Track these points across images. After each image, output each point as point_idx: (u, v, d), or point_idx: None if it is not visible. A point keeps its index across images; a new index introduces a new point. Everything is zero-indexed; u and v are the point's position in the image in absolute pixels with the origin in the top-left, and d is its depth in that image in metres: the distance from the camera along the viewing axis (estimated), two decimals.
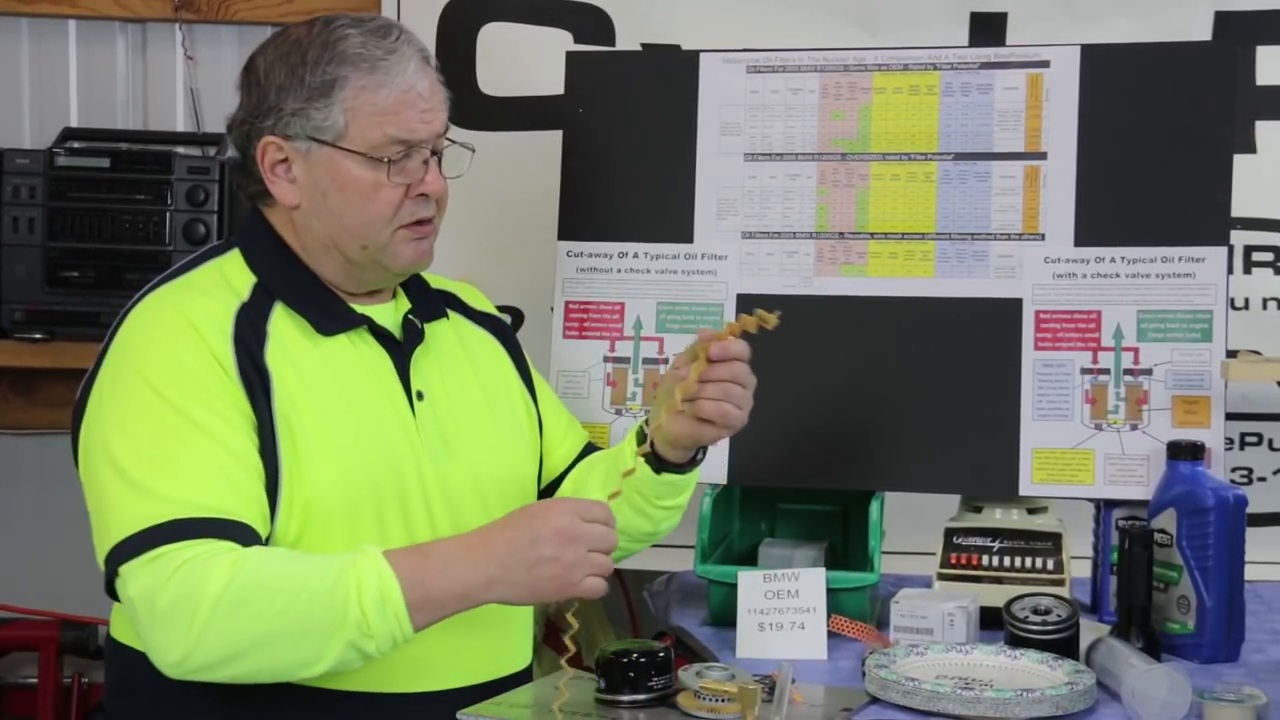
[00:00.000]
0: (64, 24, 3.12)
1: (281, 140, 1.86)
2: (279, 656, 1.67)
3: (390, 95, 1.84)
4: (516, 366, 2.10)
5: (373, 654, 1.68)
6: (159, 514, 1.68)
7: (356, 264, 1.89)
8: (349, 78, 1.83)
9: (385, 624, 1.66)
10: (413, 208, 1.88)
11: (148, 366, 1.77)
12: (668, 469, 1.98)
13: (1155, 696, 1.74)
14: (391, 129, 1.84)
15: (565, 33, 2.86)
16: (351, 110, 1.83)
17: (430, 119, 1.87)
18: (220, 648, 1.66)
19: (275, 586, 1.66)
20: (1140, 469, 2.24)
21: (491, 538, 1.73)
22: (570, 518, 1.72)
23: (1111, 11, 2.74)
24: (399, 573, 1.67)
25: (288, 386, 1.80)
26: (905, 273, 2.34)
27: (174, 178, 2.88)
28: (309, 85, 1.84)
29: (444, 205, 1.93)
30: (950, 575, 2.22)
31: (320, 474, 1.78)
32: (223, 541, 1.68)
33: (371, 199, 1.85)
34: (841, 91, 2.39)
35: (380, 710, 1.82)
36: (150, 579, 1.66)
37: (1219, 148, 2.28)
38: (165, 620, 1.66)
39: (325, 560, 1.70)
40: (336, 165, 1.85)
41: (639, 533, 2.05)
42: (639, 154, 2.43)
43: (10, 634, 3.07)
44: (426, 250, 1.92)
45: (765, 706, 1.71)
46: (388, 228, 1.87)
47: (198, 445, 1.73)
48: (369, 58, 1.84)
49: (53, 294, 2.87)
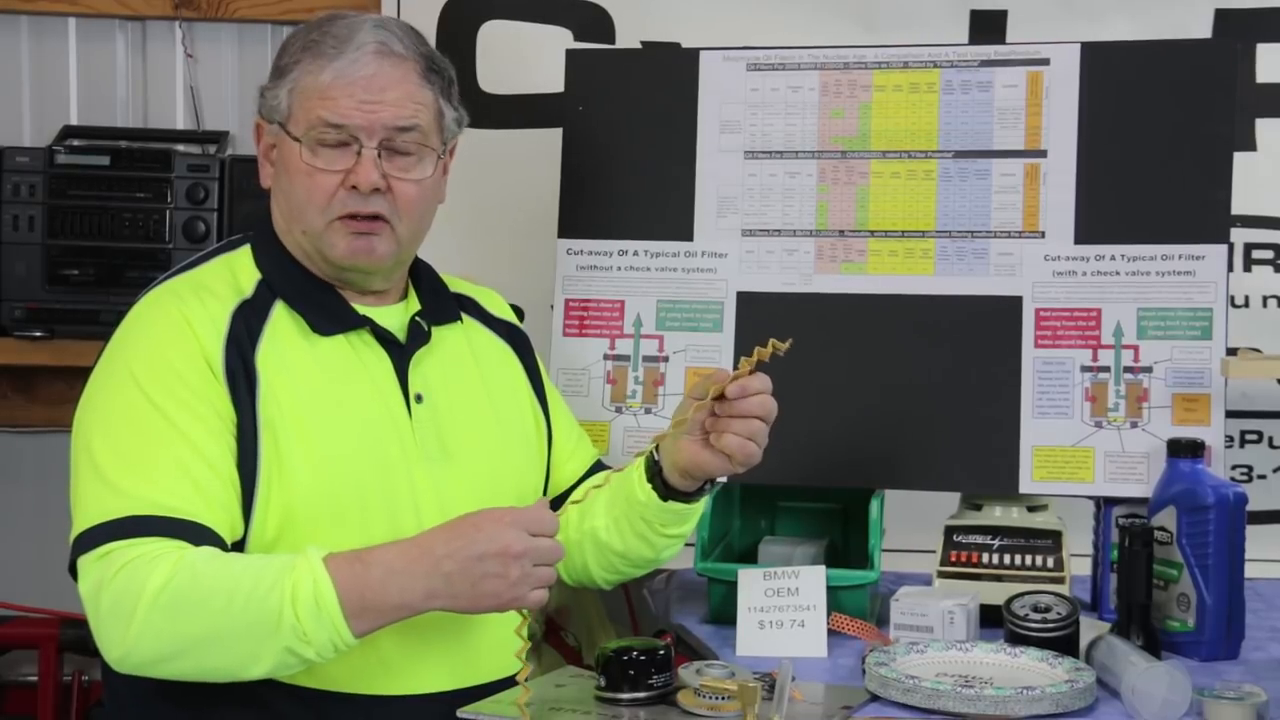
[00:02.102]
0: (64, 21, 3.11)
1: (264, 123, 1.90)
2: (215, 657, 1.67)
3: (326, 78, 1.82)
4: (529, 377, 2.08)
5: (313, 659, 1.66)
6: (119, 509, 1.69)
7: (308, 254, 1.89)
8: (300, 61, 1.85)
9: (322, 630, 1.64)
10: (345, 198, 1.83)
11: (137, 364, 1.77)
12: (674, 497, 1.96)
13: (1155, 694, 1.74)
14: (324, 111, 1.82)
15: (565, 30, 2.86)
16: (293, 91, 1.85)
17: (373, 109, 1.82)
18: (156, 647, 1.66)
19: (211, 588, 1.65)
20: (1140, 467, 2.24)
21: (436, 548, 1.68)
22: (516, 533, 1.67)
23: (1111, 9, 2.74)
24: (335, 579, 1.65)
25: (275, 388, 1.79)
26: (905, 271, 2.34)
27: (174, 175, 2.88)
28: (275, 68, 1.88)
29: (407, 208, 1.86)
30: (950, 573, 2.22)
31: (301, 475, 1.78)
32: (173, 541, 1.68)
33: (306, 185, 1.84)
34: (841, 89, 2.39)
35: (373, 711, 1.81)
36: (98, 574, 1.67)
37: (1219, 145, 2.28)
38: (108, 617, 1.67)
39: (265, 563, 1.68)
40: (284, 146, 1.86)
41: (640, 559, 2.04)
42: (639, 152, 2.43)
43: (10, 632, 3.07)
44: (366, 248, 1.85)
45: (765, 704, 1.71)
46: (322, 216, 1.84)
47: (171, 446, 1.73)
48: (322, 43, 1.84)
49: (53, 292, 2.87)
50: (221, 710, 1.77)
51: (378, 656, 1.78)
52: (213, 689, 1.72)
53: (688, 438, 1.90)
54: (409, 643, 1.79)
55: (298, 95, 1.84)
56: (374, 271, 1.90)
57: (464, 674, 1.86)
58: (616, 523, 2.00)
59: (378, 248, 1.86)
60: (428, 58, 1.90)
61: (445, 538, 1.70)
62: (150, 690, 1.76)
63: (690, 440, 1.90)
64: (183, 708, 1.77)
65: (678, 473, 1.94)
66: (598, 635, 2.78)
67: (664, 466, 1.94)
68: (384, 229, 1.86)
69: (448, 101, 1.92)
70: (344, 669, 1.75)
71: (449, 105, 1.92)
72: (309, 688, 1.77)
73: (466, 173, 1.96)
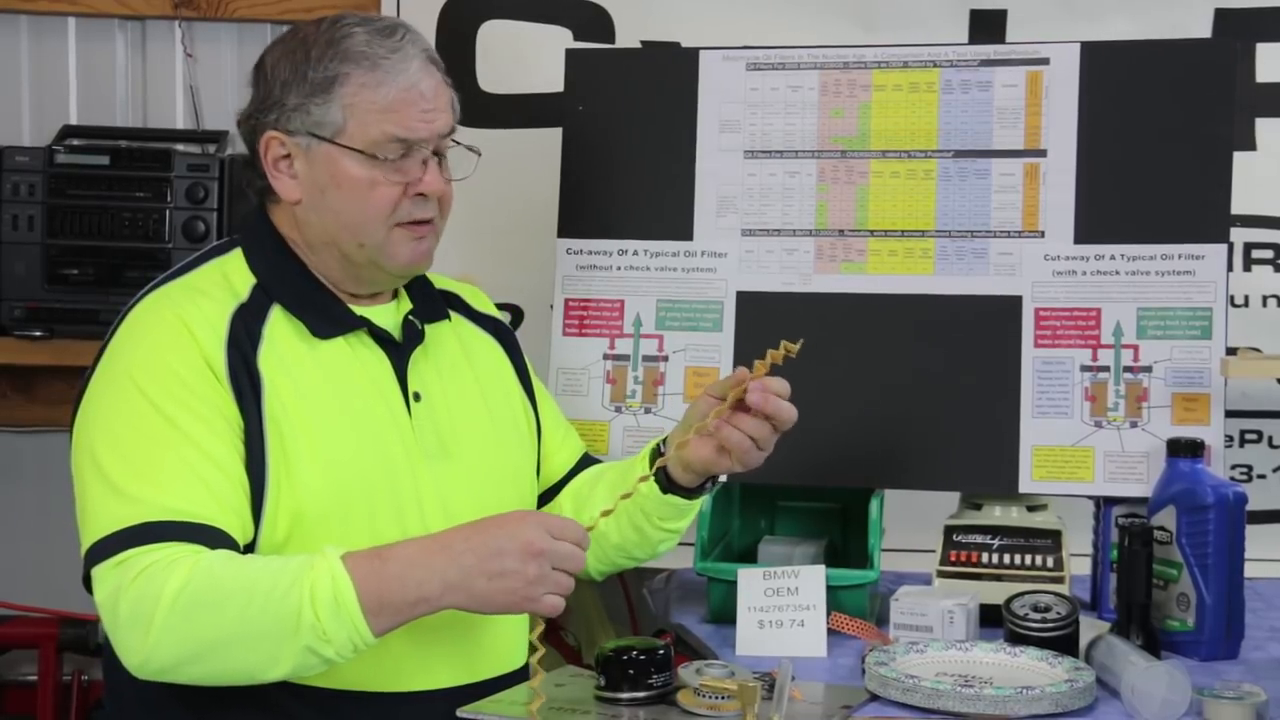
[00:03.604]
0: (63, 21, 3.11)
1: (284, 135, 1.86)
2: (235, 659, 1.66)
3: (390, 93, 1.83)
4: (516, 370, 2.09)
5: (333, 658, 1.66)
6: (131, 516, 1.69)
7: (355, 263, 1.89)
8: (350, 75, 1.83)
9: (342, 629, 1.64)
10: (410, 207, 1.87)
11: (138, 369, 1.77)
12: (674, 491, 1.97)
13: (1155, 694, 1.74)
14: (390, 127, 1.84)
15: (565, 30, 2.86)
16: (351, 107, 1.83)
17: (432, 119, 1.86)
18: (176, 651, 1.65)
19: (230, 590, 1.65)
20: (1140, 466, 2.24)
21: (455, 543, 1.69)
22: (539, 532, 1.68)
23: (1111, 9, 2.74)
24: (354, 577, 1.65)
25: (279, 390, 1.79)
26: (905, 270, 2.34)
27: (173, 175, 2.87)
28: (310, 81, 1.84)
29: (447, 207, 1.92)
30: (950, 573, 2.22)
31: (310, 478, 1.78)
32: (189, 545, 1.68)
33: (368, 197, 1.85)
34: (841, 89, 2.39)
35: (379, 708, 1.81)
36: (116, 581, 1.67)
37: (1219, 145, 2.28)
38: (127, 623, 1.66)
39: (283, 563, 1.68)
40: (335, 162, 1.85)
41: (635, 551, 2.05)
42: (639, 151, 2.43)
43: (10, 631, 3.07)
44: (425, 251, 1.91)
45: (765, 704, 1.71)
46: (384, 226, 1.86)
47: (178, 450, 1.72)
48: (371, 55, 1.84)
49: (52, 291, 2.87)
50: (228, 711, 1.77)
51: (387, 653, 1.77)
52: (216, 690, 1.72)
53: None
54: (418, 639, 1.78)
55: (356, 111, 1.83)
56: (423, 272, 1.96)
57: (473, 669, 1.87)
58: (615, 514, 2.00)
59: (432, 249, 1.93)
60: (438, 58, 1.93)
61: (467, 533, 1.71)
62: (155, 692, 1.75)
63: (698, 436, 1.90)
64: (188, 709, 1.77)
65: (681, 466, 1.95)
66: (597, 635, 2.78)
67: (668, 459, 1.95)
68: (431, 231, 1.91)
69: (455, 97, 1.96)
70: (352, 667, 1.75)
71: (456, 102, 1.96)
72: (316, 686, 1.77)
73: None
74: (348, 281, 1.91)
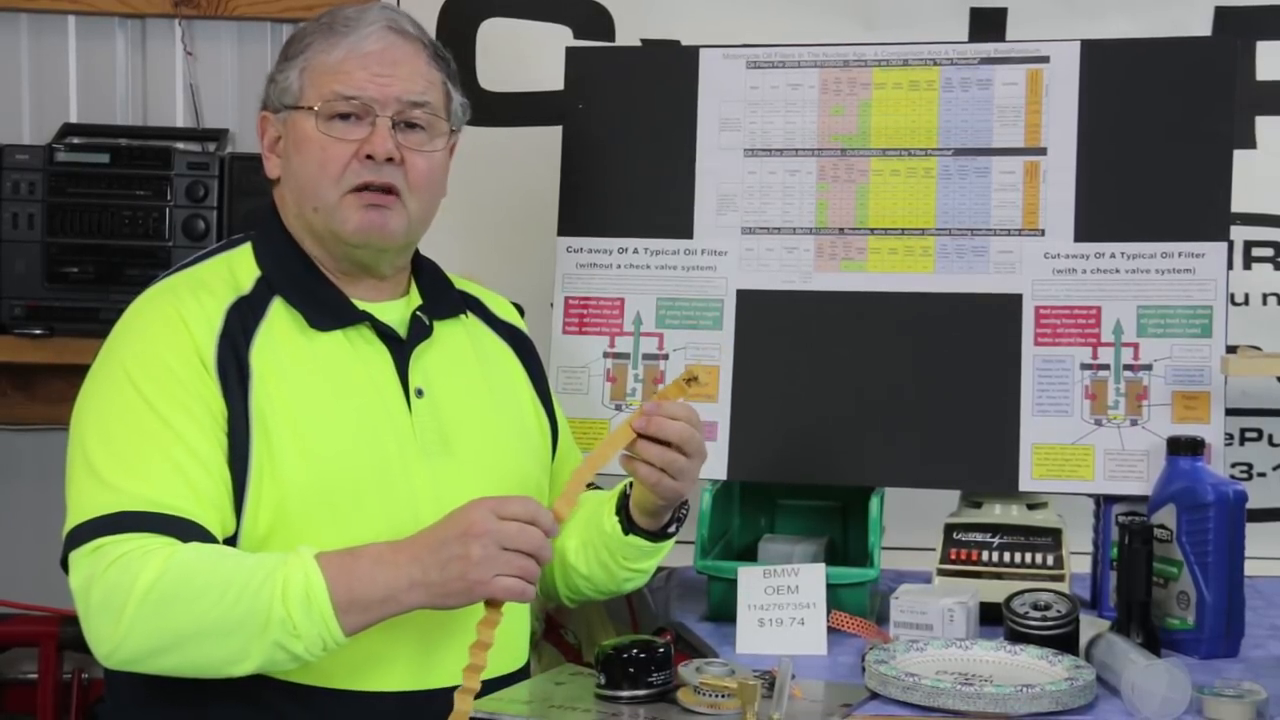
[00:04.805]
0: (63, 19, 3.12)
1: (270, 115, 1.91)
2: (204, 652, 1.67)
3: (340, 53, 1.86)
4: (533, 381, 2.08)
5: (303, 655, 1.67)
6: (110, 504, 1.70)
7: (320, 236, 1.88)
8: (312, 43, 1.88)
9: (312, 625, 1.65)
10: (359, 169, 1.85)
11: (130, 359, 1.78)
12: (636, 532, 1.95)
13: (1155, 692, 1.74)
14: (338, 85, 1.85)
15: (565, 28, 2.86)
16: (306, 70, 1.87)
17: (386, 82, 1.86)
18: (146, 641, 1.66)
19: (202, 583, 1.66)
20: (1140, 464, 2.24)
21: (417, 540, 1.70)
22: (482, 513, 1.67)
23: (1111, 7, 2.74)
24: (327, 575, 1.66)
25: (267, 383, 1.79)
26: (905, 268, 2.34)
27: (173, 173, 2.88)
28: (285, 57, 1.90)
29: (418, 181, 1.88)
30: (950, 571, 2.22)
31: (293, 471, 1.77)
32: (164, 536, 1.69)
33: (319, 157, 1.85)
34: (841, 87, 2.39)
35: (379, 708, 1.81)
36: (89, 569, 1.68)
37: (1219, 143, 2.28)
38: (98, 612, 1.67)
39: (258, 559, 1.69)
40: (295, 125, 1.87)
41: (602, 586, 2.03)
42: (639, 149, 2.43)
43: (10, 629, 3.07)
44: (378, 222, 1.86)
45: (765, 702, 1.71)
46: (335, 189, 1.85)
47: (164, 443, 1.73)
48: (332, 24, 1.88)
49: (52, 290, 2.87)
50: (219, 708, 1.76)
51: (374, 651, 1.77)
52: (211, 687, 1.72)
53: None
54: (405, 636, 1.78)
55: (310, 73, 1.87)
56: (385, 249, 1.90)
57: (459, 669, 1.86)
58: (584, 547, 2.00)
59: (390, 222, 1.87)
60: (434, 44, 1.95)
61: (427, 531, 1.71)
62: (147, 688, 1.76)
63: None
64: (180, 705, 1.77)
65: (639, 509, 1.93)
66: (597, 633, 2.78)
67: (631, 501, 1.94)
68: (396, 203, 1.87)
69: (454, 86, 1.96)
70: (341, 665, 1.75)
71: (456, 90, 1.96)
72: (306, 684, 1.77)
73: (466, 170, 1.96)
74: (331, 262, 1.91)
